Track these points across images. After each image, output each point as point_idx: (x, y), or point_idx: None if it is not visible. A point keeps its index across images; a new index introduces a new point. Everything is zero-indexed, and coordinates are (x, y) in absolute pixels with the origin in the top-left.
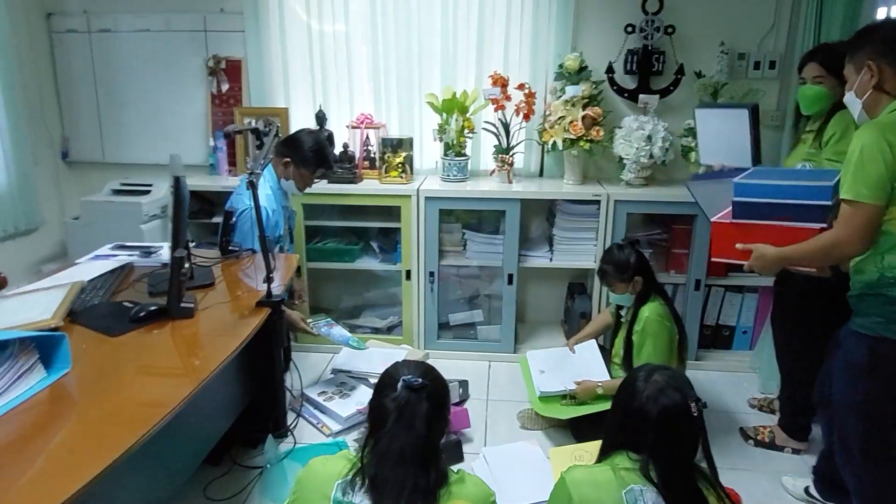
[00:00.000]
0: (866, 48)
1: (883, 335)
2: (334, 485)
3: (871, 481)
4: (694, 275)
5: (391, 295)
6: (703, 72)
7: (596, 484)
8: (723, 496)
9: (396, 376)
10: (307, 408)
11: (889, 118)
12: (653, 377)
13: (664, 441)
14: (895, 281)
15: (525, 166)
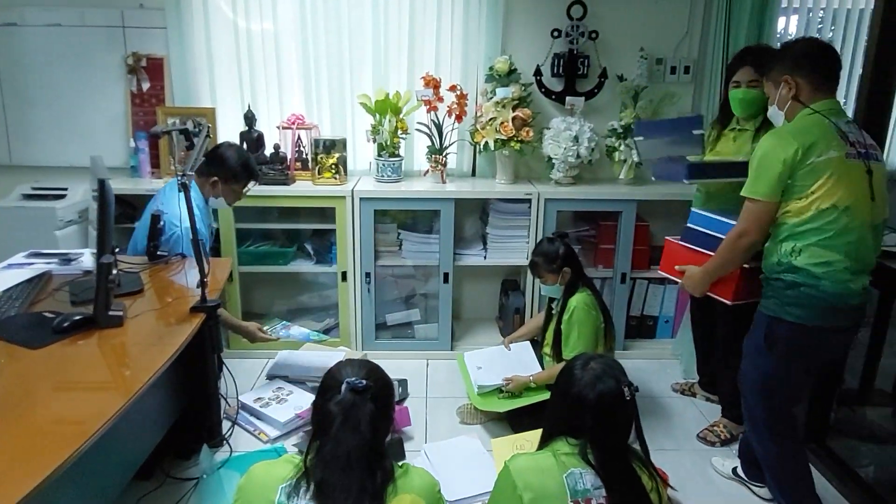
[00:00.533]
0: (784, 64)
1: (779, 316)
2: (278, 489)
3: (775, 453)
4: (620, 268)
5: (326, 297)
6: (624, 75)
7: (539, 470)
8: (654, 474)
9: (340, 378)
10: (243, 415)
11: (792, 125)
12: (589, 365)
13: (601, 425)
14: (788, 266)
15: (458, 166)
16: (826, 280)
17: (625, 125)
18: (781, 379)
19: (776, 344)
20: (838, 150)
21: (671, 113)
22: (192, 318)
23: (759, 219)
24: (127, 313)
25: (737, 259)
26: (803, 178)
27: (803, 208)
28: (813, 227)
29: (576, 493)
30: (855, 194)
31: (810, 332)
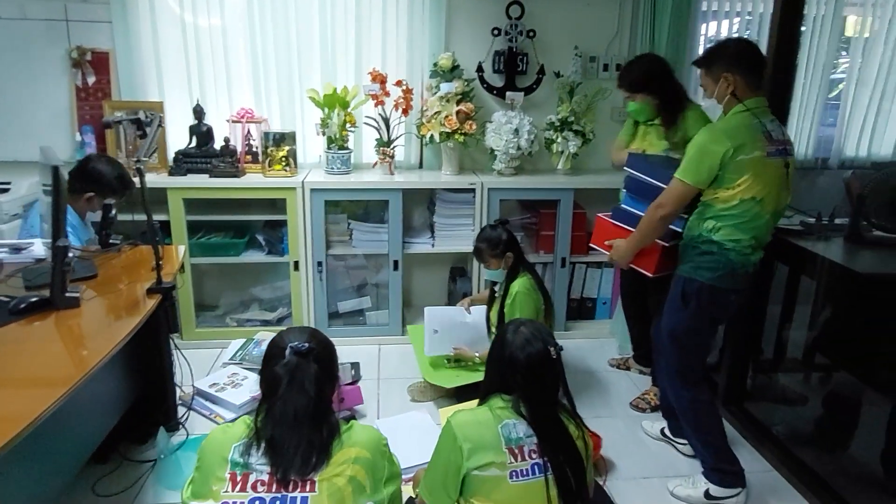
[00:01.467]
0: (722, 62)
1: (692, 277)
2: (231, 447)
3: (689, 399)
4: (560, 253)
5: (278, 287)
6: (560, 72)
7: (477, 423)
8: (580, 423)
9: (283, 344)
10: (198, 400)
11: (726, 121)
12: (519, 330)
13: (531, 382)
14: (707, 239)
15: (405, 159)
16: (733, 252)
17: (562, 119)
18: (692, 329)
19: (689, 300)
20: (761, 149)
21: (605, 108)
22: (148, 299)
23: (679, 197)
24: (83, 296)
25: (654, 229)
26: (731, 172)
27: (730, 197)
28: (734, 213)
29: (510, 440)
30: (769, 188)
31: (715, 291)
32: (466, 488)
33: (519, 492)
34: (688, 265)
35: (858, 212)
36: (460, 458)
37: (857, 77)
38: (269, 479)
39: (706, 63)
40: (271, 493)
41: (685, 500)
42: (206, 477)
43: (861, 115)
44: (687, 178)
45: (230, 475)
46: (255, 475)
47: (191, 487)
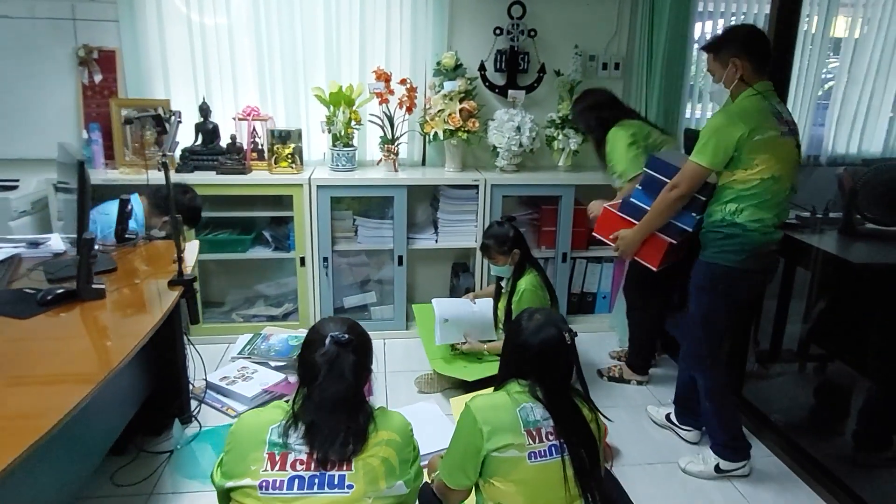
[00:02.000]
0: (730, 47)
1: (717, 262)
2: (269, 429)
3: (715, 380)
4: (561, 249)
5: (283, 284)
6: (561, 71)
7: (495, 406)
8: (593, 407)
9: (324, 332)
10: (210, 394)
11: (738, 105)
12: (534, 317)
13: (545, 366)
14: (730, 223)
15: (409, 156)
16: (757, 233)
17: (562, 116)
18: (720, 313)
19: (717, 284)
20: (775, 129)
21: None
22: (170, 291)
23: (694, 178)
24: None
25: (667, 209)
26: (749, 153)
27: (748, 178)
28: (754, 193)
29: (527, 423)
30: (786, 166)
31: (742, 273)
32: (486, 469)
33: (537, 472)
34: (711, 250)
35: (851, 206)
36: (480, 440)
37: (848, 77)
38: (307, 459)
39: (715, 48)
40: (310, 472)
41: (697, 476)
42: (240, 458)
43: (851, 114)
44: (702, 160)
45: (268, 455)
46: (294, 455)
47: (220, 469)
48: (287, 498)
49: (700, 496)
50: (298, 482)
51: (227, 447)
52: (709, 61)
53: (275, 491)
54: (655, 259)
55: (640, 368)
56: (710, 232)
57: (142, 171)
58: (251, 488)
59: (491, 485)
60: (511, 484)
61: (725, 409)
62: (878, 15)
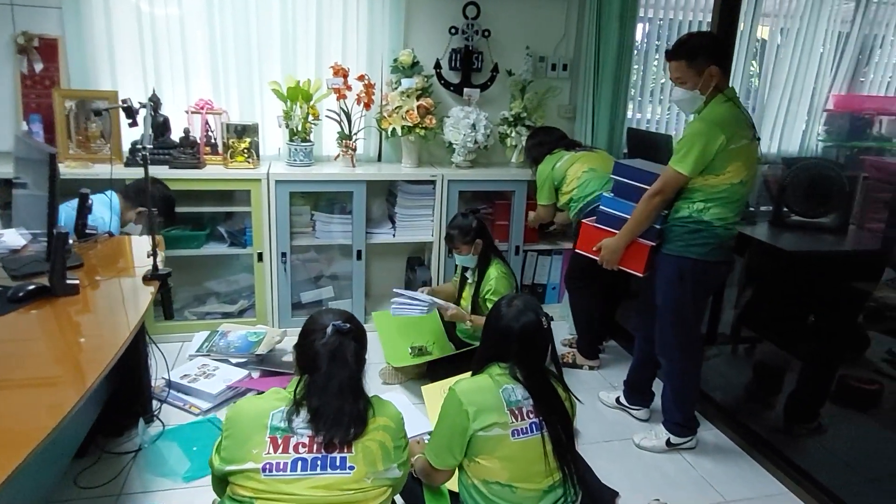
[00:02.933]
0: (705, 55)
1: (685, 255)
2: (270, 415)
3: (682, 367)
4: (514, 242)
5: (235, 280)
6: (513, 70)
7: (479, 388)
8: (566, 387)
9: (324, 322)
10: (170, 392)
11: (715, 112)
12: (513, 303)
13: (524, 349)
14: (697, 219)
15: (365, 152)
16: (720, 228)
17: (515, 114)
18: (689, 303)
19: (685, 276)
20: (747, 137)
21: (553, 105)
22: (145, 286)
23: (675, 186)
24: None
25: (651, 215)
26: (722, 160)
27: (719, 182)
28: (723, 196)
29: (510, 402)
30: (752, 170)
31: (708, 265)
32: (471, 448)
33: (520, 448)
34: (677, 244)
35: (780, 200)
36: (466, 420)
37: (770, 81)
38: (309, 442)
39: (689, 56)
40: (312, 454)
41: (650, 450)
42: (241, 443)
43: (773, 116)
44: (684, 168)
45: (270, 439)
46: (296, 438)
47: (220, 455)
48: (290, 479)
49: (654, 468)
50: (301, 464)
51: (226, 433)
52: (679, 69)
53: (278, 473)
54: (640, 264)
55: (590, 354)
56: (675, 226)
57: (88, 164)
58: (254, 471)
59: (476, 463)
60: (496, 460)
61: (687, 393)
62: (795, 25)
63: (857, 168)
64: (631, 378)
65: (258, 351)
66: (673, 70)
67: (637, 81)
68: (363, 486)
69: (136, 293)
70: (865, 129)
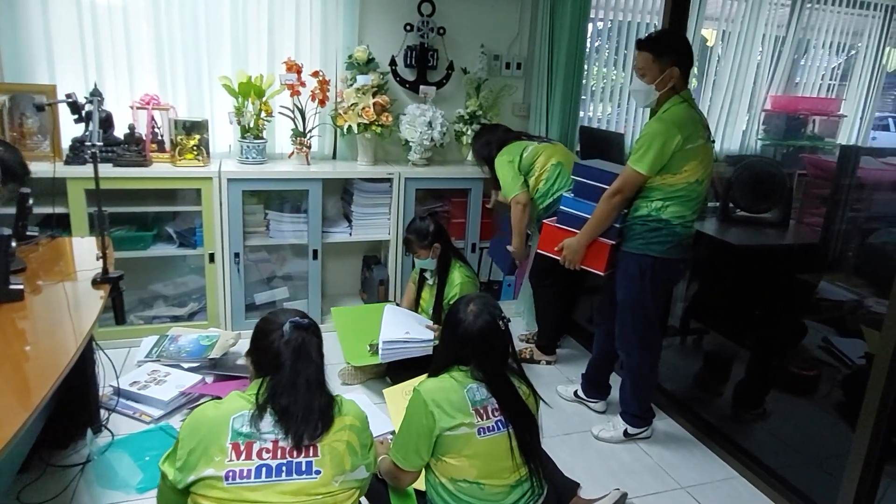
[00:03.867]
0: (672, 54)
1: (645, 252)
2: (231, 419)
3: (642, 361)
4: (470, 239)
5: (183, 282)
6: (468, 68)
7: (444, 388)
8: (529, 383)
9: (281, 321)
10: (119, 400)
11: (672, 113)
12: (470, 306)
13: (483, 351)
14: (656, 218)
15: (319, 149)
16: (679, 226)
17: (470, 112)
18: (650, 299)
19: (645, 273)
20: (703, 137)
21: (507, 103)
22: (94, 290)
23: (634, 184)
24: None
25: (611, 214)
26: (679, 160)
27: (676, 181)
28: (680, 195)
29: (475, 402)
30: (708, 170)
31: (668, 262)
32: (438, 448)
33: (486, 446)
34: (637, 242)
35: (727, 196)
36: (432, 421)
37: (713, 82)
38: (273, 447)
39: (657, 51)
40: (277, 460)
41: (608, 441)
42: (201, 450)
43: (715, 116)
44: (643, 168)
45: (232, 445)
46: (260, 444)
47: (176, 465)
48: (254, 486)
49: (612, 458)
50: (266, 470)
51: (183, 441)
52: (644, 60)
53: (241, 480)
54: (602, 263)
55: (547, 349)
56: (635, 225)
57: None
58: (216, 479)
59: (444, 462)
60: (464, 458)
61: (644, 386)
62: (736, 29)
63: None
64: (589, 372)
65: (211, 355)
66: (639, 60)
67: (589, 80)
68: (331, 490)
69: (84, 298)
70: (800, 129)
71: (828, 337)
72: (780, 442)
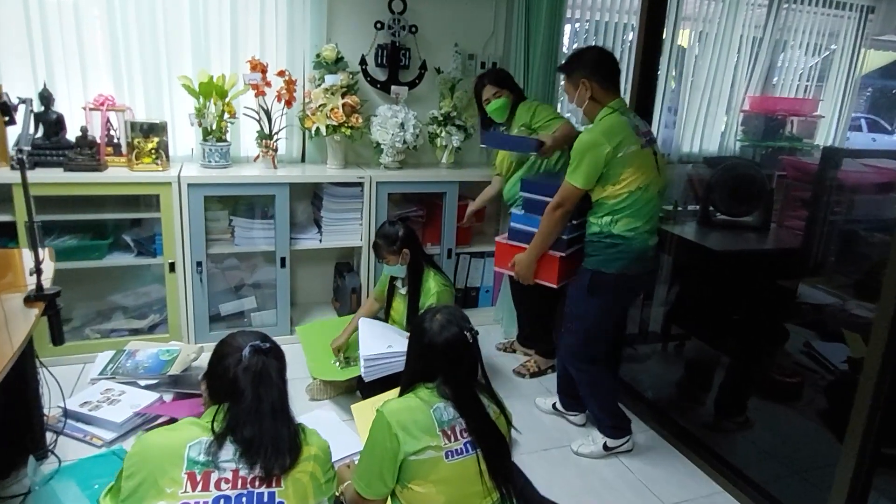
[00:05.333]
0: (579, 70)
1: (600, 269)
2: (187, 447)
3: (590, 375)
4: (446, 245)
5: (144, 292)
6: (441, 68)
7: (409, 409)
8: (500, 402)
9: (238, 345)
10: (69, 423)
11: (599, 125)
12: (436, 317)
13: (450, 365)
14: (608, 233)
15: (287, 152)
16: (634, 240)
17: (444, 113)
18: (599, 316)
19: (600, 290)
20: (636, 144)
21: None
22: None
23: (572, 197)
24: None
25: (555, 227)
26: (615, 168)
27: (618, 192)
28: (626, 205)
29: (441, 423)
30: (649, 175)
31: (626, 279)
32: (404, 474)
33: (455, 470)
34: (595, 258)
35: (707, 200)
36: (396, 445)
37: (691, 83)
38: (233, 477)
39: (567, 70)
40: (237, 490)
41: (588, 456)
42: (150, 480)
43: (693, 117)
44: (577, 181)
45: (188, 475)
46: (218, 473)
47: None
48: None
49: (592, 474)
50: (224, 501)
51: (130, 470)
52: (563, 82)
53: None
54: (553, 276)
55: (550, 356)
56: (591, 243)
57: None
58: None
59: (409, 489)
60: (430, 485)
61: (604, 397)
62: (713, 30)
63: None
64: (560, 385)
65: (171, 371)
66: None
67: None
68: None
69: (15, 317)
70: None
71: (809, 342)
72: (764, 452)
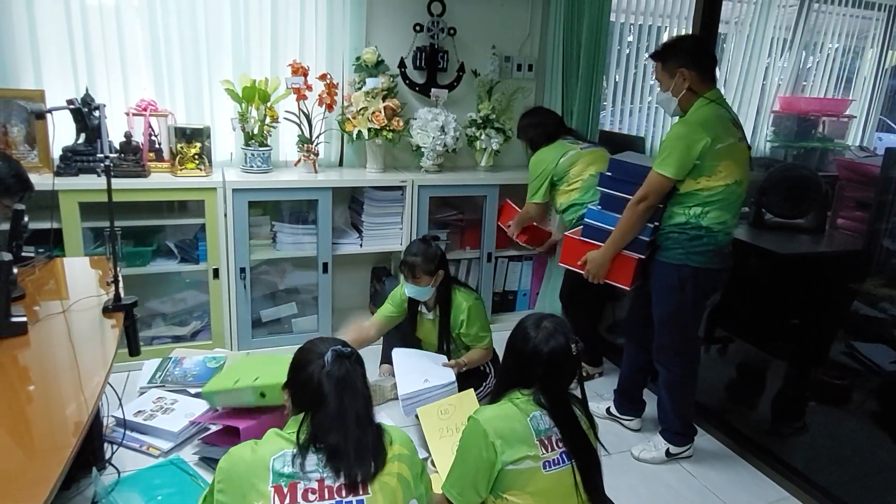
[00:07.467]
0: (677, 58)
1: (685, 263)
2: (271, 460)
3: (681, 375)
4: (486, 249)
5: (181, 298)
6: (478, 70)
7: (505, 417)
8: (590, 415)
9: (319, 351)
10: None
11: (697, 115)
12: (542, 324)
13: (551, 375)
14: (696, 225)
15: (325, 156)
16: (721, 234)
17: (483, 116)
18: (689, 311)
19: (685, 285)
20: (733, 137)
21: (519, 107)
22: (107, 319)
23: (660, 189)
24: None
25: (637, 222)
26: (711, 160)
27: (714, 185)
28: (719, 198)
29: (539, 432)
30: (744, 170)
31: (709, 272)
32: (499, 484)
33: (552, 481)
34: (676, 251)
35: (759, 203)
36: (493, 454)
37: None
38: (318, 487)
39: (662, 58)
40: (324, 501)
41: (650, 462)
42: (239, 495)
43: None
44: (668, 171)
45: (274, 488)
46: (304, 484)
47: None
48: None
49: (657, 481)
50: None
51: (220, 486)
52: (656, 71)
53: None
54: (627, 278)
55: (594, 361)
56: (673, 233)
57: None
58: None
59: (503, 499)
60: (528, 496)
61: (684, 401)
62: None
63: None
64: (622, 388)
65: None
66: (655, 71)
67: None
68: None
69: (96, 328)
70: (810, 130)
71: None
72: (823, 456)
